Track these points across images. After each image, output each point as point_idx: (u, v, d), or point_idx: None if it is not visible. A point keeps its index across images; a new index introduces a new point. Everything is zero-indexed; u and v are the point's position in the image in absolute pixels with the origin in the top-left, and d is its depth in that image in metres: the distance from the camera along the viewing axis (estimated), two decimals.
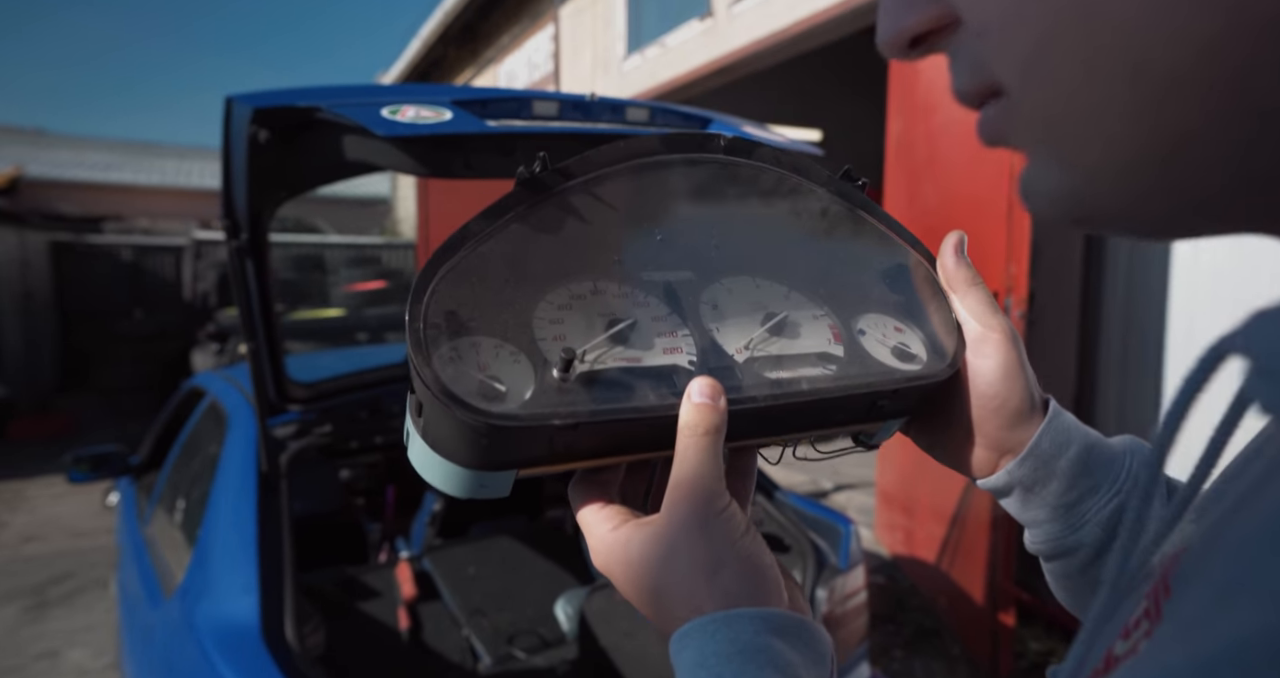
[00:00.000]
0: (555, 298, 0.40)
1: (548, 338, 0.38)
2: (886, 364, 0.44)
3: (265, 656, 1.10)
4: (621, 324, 0.39)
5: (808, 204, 0.47)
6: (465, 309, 0.38)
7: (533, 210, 0.41)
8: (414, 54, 10.17)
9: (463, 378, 0.36)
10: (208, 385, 2.09)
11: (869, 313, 0.45)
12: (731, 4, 4.95)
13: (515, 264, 0.40)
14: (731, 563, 0.34)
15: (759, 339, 0.42)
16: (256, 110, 1.05)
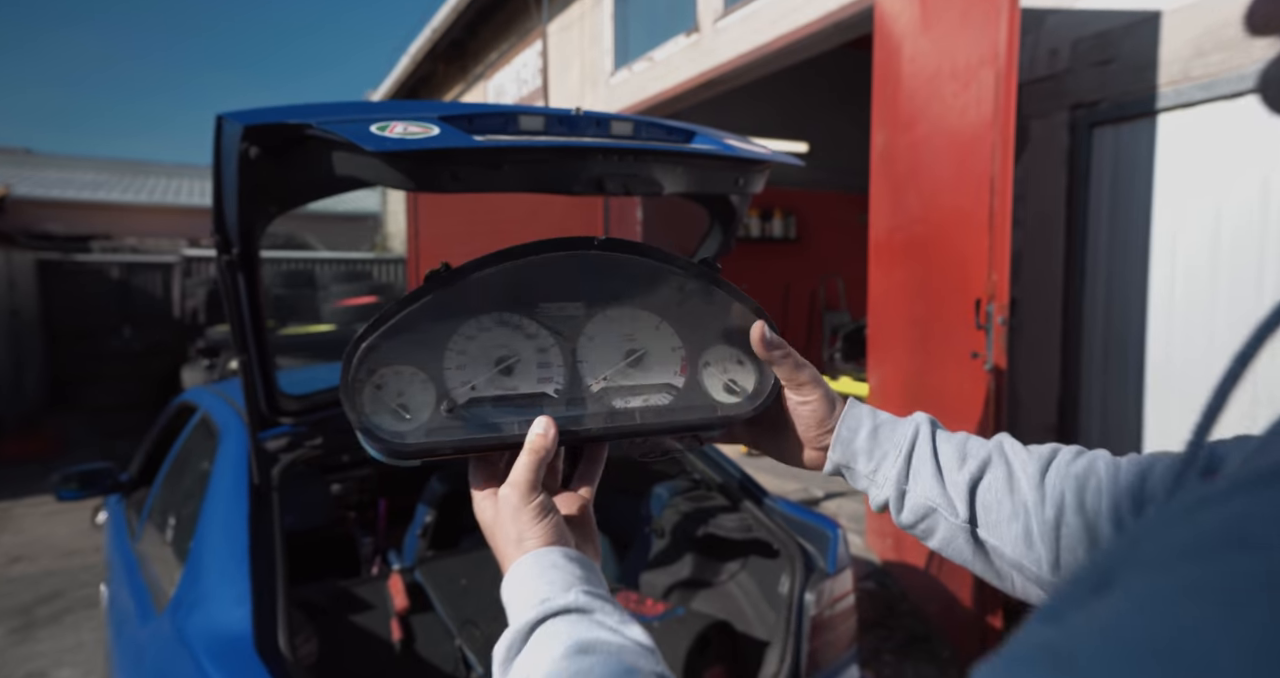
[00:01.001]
0: (465, 330, 0.53)
1: (452, 367, 0.53)
2: (713, 397, 0.59)
3: (258, 665, 1.11)
4: (508, 361, 0.54)
5: (670, 281, 0.61)
6: (391, 348, 0.52)
7: (446, 289, 0.55)
8: (403, 70, 10.24)
9: (380, 408, 0.52)
10: (198, 400, 2.09)
11: (716, 346, 0.60)
12: (716, 20, 5.02)
13: (433, 318, 0.54)
14: (530, 538, 0.52)
15: (616, 372, 0.57)
16: (247, 127, 1.07)
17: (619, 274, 0.59)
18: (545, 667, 0.43)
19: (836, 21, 3.98)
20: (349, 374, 0.51)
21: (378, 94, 11.50)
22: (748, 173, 1.33)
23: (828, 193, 7.66)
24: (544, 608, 0.47)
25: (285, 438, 1.57)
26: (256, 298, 1.29)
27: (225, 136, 1.11)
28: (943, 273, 2.65)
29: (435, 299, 0.54)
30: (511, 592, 0.50)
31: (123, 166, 17.53)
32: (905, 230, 2.98)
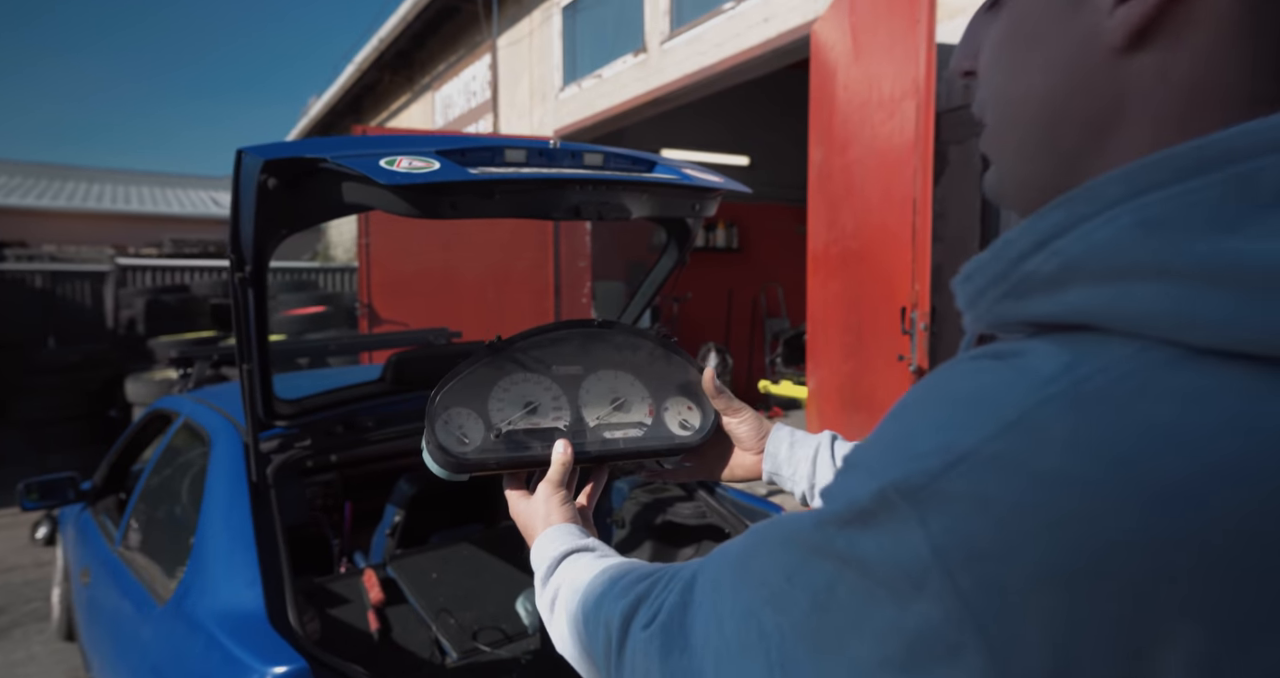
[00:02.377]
0: (503, 384, 0.80)
1: (495, 409, 0.79)
2: (672, 432, 0.84)
3: (275, 636, 1.24)
4: (532, 404, 0.80)
5: (641, 348, 0.88)
6: (453, 399, 0.78)
7: (494, 358, 0.81)
8: (348, 79, 10.20)
9: (448, 435, 0.76)
10: (177, 408, 2.17)
11: (673, 396, 0.85)
12: (663, 41, 5.25)
13: (483, 375, 0.80)
14: (554, 516, 0.72)
15: (605, 414, 0.82)
16: (267, 161, 1.22)
17: (608, 343, 0.86)
18: (578, 578, 0.62)
19: (776, 48, 4.25)
20: (431, 411, 0.76)
21: (321, 103, 11.39)
22: (703, 199, 1.53)
23: (768, 205, 7.98)
24: (570, 547, 0.67)
25: (277, 440, 1.69)
26: (263, 311, 1.42)
27: (244, 168, 1.25)
28: (873, 283, 2.91)
29: (487, 361, 0.80)
30: (539, 552, 0.69)
31: (38, 170, 16.82)
32: (840, 244, 3.24)
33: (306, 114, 12.47)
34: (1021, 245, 0.34)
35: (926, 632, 0.30)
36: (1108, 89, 0.35)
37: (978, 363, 0.34)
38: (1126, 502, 0.27)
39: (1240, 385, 0.28)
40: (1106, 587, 0.27)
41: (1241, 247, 0.29)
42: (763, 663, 0.37)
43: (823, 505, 0.36)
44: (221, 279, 8.35)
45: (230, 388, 2.42)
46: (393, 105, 10.46)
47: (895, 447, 0.34)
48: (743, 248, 8.18)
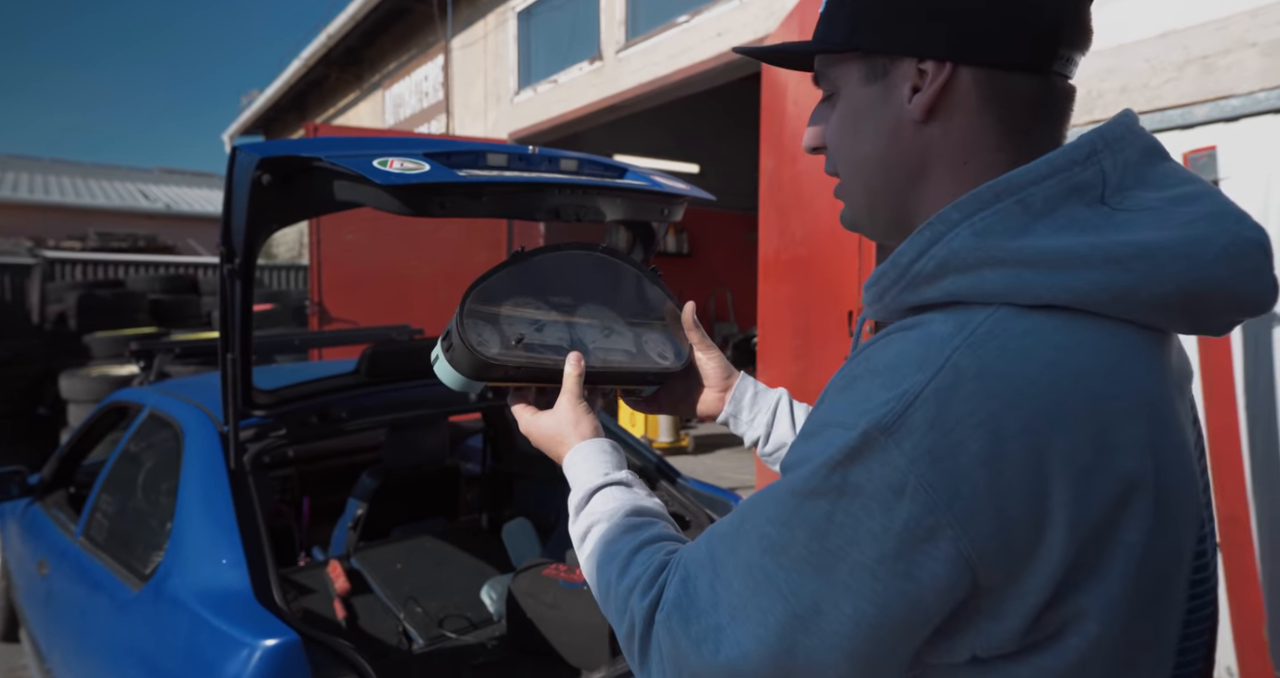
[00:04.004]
0: (511, 303, 0.87)
1: (506, 324, 0.85)
2: (653, 358, 0.91)
3: (263, 612, 1.30)
4: (540, 323, 0.86)
5: (629, 276, 0.98)
6: (476, 310, 0.84)
7: (511, 266, 0.89)
8: (293, 73, 10.00)
9: (471, 336, 0.81)
10: (140, 400, 2.17)
11: (651, 332, 0.93)
12: (618, 50, 5.37)
13: (498, 292, 0.86)
14: (581, 424, 0.78)
15: (599, 338, 0.89)
16: (263, 159, 1.28)
17: (605, 272, 0.94)
18: (610, 519, 0.67)
19: (728, 62, 4.41)
20: (460, 316, 0.82)
21: (264, 96, 11.13)
22: (671, 204, 1.64)
23: (718, 212, 8.17)
24: (606, 479, 0.71)
25: (253, 429, 1.73)
26: (249, 303, 1.47)
27: (239, 165, 1.30)
28: (821, 288, 3.08)
29: (507, 274, 0.87)
30: (575, 466, 0.74)
31: None
32: (790, 251, 3.40)
33: (248, 108, 12.17)
34: (909, 255, 0.52)
35: (911, 524, 0.45)
36: (915, 147, 0.57)
37: (890, 338, 0.50)
38: (1013, 399, 0.45)
39: (1050, 324, 0.47)
40: (1014, 455, 0.44)
41: (1034, 242, 0.48)
42: (774, 597, 0.49)
43: (801, 466, 0.49)
44: (159, 274, 8.09)
45: (195, 380, 2.42)
46: (340, 102, 10.31)
47: (858, 405, 0.47)
48: (693, 253, 8.35)
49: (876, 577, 0.45)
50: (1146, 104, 2.49)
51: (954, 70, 0.53)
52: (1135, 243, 0.47)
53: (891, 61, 0.56)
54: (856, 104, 0.58)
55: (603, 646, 1.86)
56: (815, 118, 0.64)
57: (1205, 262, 0.47)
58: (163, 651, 1.37)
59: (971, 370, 0.45)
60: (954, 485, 0.44)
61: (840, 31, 0.58)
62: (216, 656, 1.23)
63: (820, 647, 0.47)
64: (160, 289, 7.74)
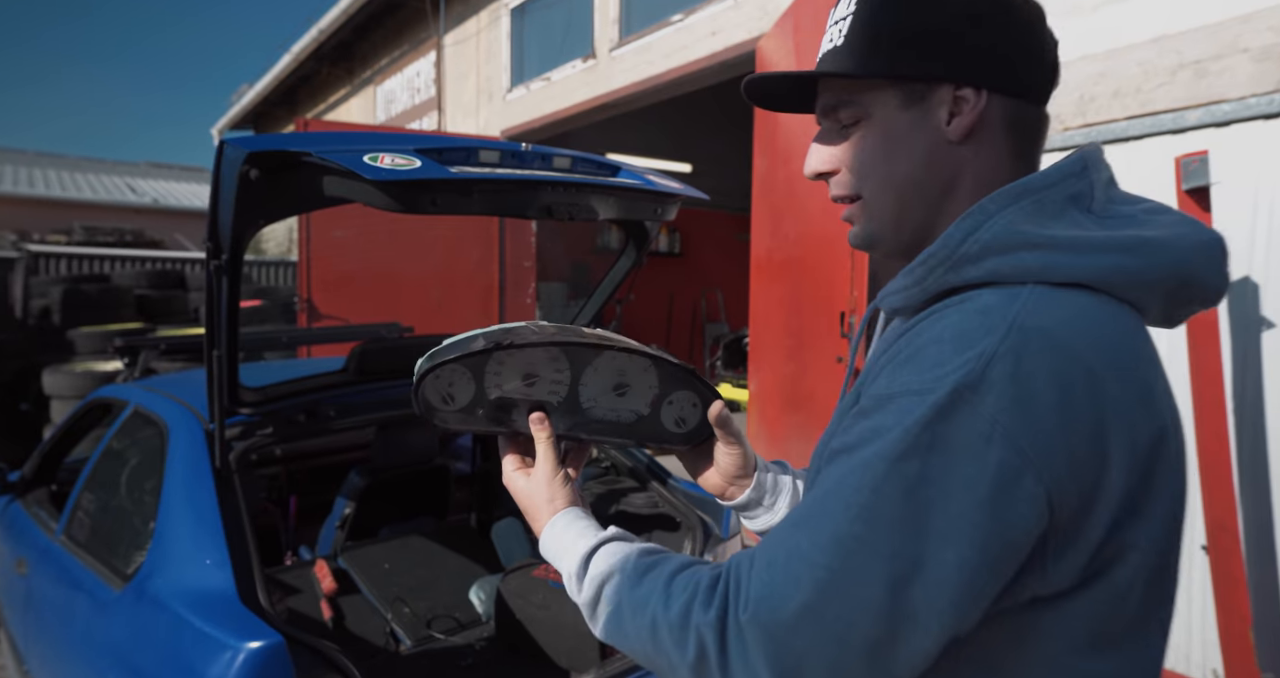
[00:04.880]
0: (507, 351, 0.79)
1: (491, 373, 0.79)
2: (665, 427, 0.84)
3: (247, 614, 1.27)
4: (531, 379, 0.80)
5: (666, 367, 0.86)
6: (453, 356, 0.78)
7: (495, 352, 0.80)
8: (283, 68, 9.92)
9: (435, 391, 0.78)
10: (125, 396, 2.14)
11: (681, 390, 0.83)
12: (612, 49, 5.35)
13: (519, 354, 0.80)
14: (559, 499, 0.76)
15: (605, 396, 0.82)
16: (251, 153, 1.25)
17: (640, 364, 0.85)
18: (622, 570, 0.64)
19: (723, 61, 4.40)
20: (421, 366, 0.78)
21: (254, 90, 11.04)
22: (664, 204, 1.63)
23: (710, 212, 8.17)
24: (598, 539, 0.69)
25: (239, 427, 1.71)
26: (235, 299, 1.45)
27: (226, 158, 1.28)
28: (813, 289, 3.07)
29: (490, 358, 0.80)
30: (555, 538, 0.72)
31: None
32: (783, 251, 3.40)
33: (237, 103, 12.06)
34: (957, 238, 0.59)
35: (1001, 468, 0.50)
36: (949, 166, 0.64)
37: (942, 314, 0.57)
38: (1075, 355, 0.53)
39: (1082, 298, 0.56)
40: (1080, 403, 0.51)
41: (1060, 231, 0.57)
42: (874, 561, 0.52)
43: (878, 436, 0.53)
44: (146, 269, 8.02)
45: (180, 377, 2.39)
46: (331, 98, 10.24)
47: (932, 370, 0.53)
48: (684, 253, 8.34)
49: (974, 522, 0.50)
50: (1139, 108, 2.49)
51: (989, 97, 0.61)
52: (1136, 236, 0.58)
53: (929, 87, 0.62)
54: (893, 127, 0.64)
55: (592, 647, 1.85)
56: (823, 143, 0.68)
57: (1186, 250, 0.59)
58: (144, 652, 1.35)
59: (1035, 331, 0.53)
60: (1034, 431, 0.50)
61: (881, 60, 0.62)
62: (199, 658, 1.21)
63: (925, 598, 0.51)
64: (147, 284, 7.67)
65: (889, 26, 0.61)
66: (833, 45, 0.65)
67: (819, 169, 0.68)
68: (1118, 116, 2.56)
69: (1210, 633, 2.29)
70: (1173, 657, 2.42)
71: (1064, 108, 2.70)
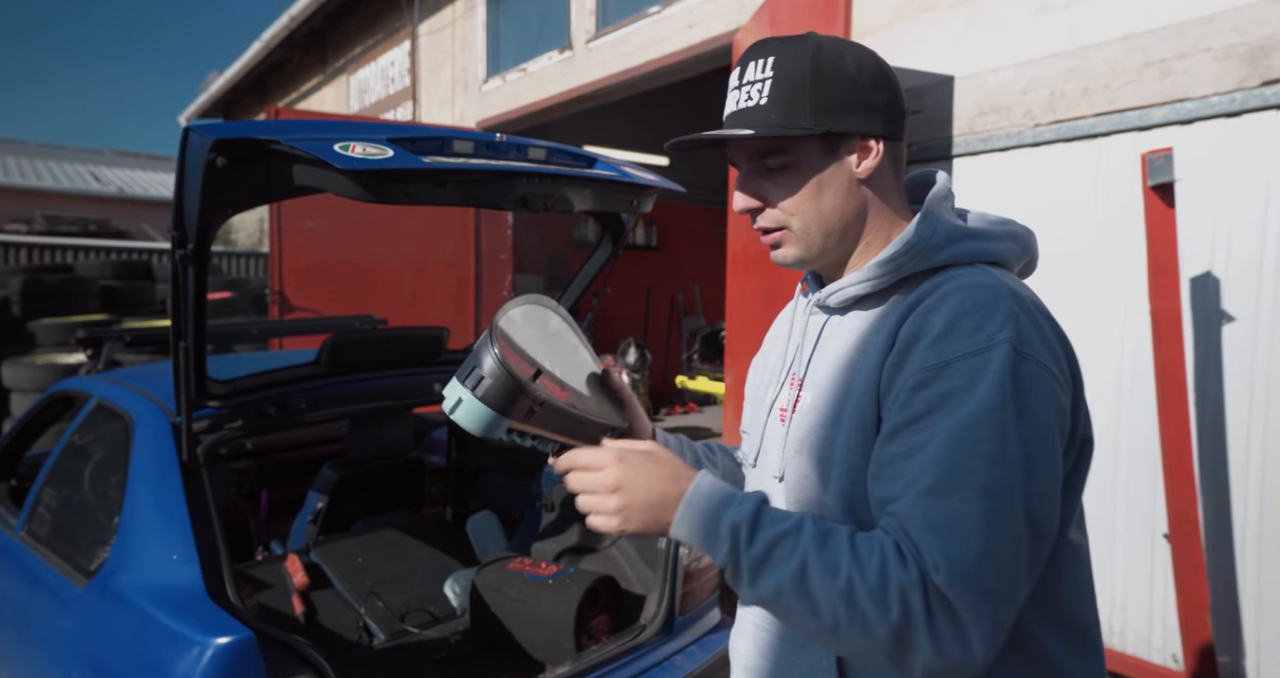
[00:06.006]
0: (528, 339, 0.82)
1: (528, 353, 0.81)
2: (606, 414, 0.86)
3: (216, 609, 1.25)
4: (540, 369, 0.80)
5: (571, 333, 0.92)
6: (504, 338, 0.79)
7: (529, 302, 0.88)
8: (254, 55, 9.73)
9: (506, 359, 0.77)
10: (88, 390, 2.09)
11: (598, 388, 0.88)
12: (589, 40, 5.32)
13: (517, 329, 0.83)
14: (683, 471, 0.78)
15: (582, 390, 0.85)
16: (217, 140, 1.23)
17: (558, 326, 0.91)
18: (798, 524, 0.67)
19: (699, 54, 4.40)
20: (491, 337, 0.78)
21: (224, 78, 10.82)
22: (641, 196, 1.63)
23: (687, 205, 8.17)
24: (759, 497, 0.70)
25: (208, 420, 1.68)
26: (202, 290, 1.42)
27: (191, 146, 1.25)
28: (788, 283, 3.08)
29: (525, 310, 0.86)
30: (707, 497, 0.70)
31: None
32: (759, 245, 3.40)
33: (206, 90, 11.81)
34: (926, 234, 0.77)
35: (1053, 395, 0.69)
36: (860, 197, 0.80)
37: (943, 293, 0.72)
38: (1038, 307, 0.74)
39: (1000, 270, 0.79)
40: (1055, 337, 0.73)
41: (975, 226, 0.81)
42: (1016, 493, 0.64)
43: (961, 395, 0.66)
44: (111, 260, 7.84)
45: (145, 369, 2.34)
46: (303, 86, 10.06)
47: (977, 335, 0.68)
48: (661, 246, 8.34)
49: (1052, 439, 0.67)
50: (1106, 105, 2.54)
51: (884, 144, 0.79)
52: (1015, 229, 0.83)
53: (846, 139, 0.78)
54: (818, 171, 0.79)
55: (568, 639, 1.85)
56: (749, 186, 0.82)
57: (1029, 237, 0.84)
58: (108, 650, 1.32)
59: (1018, 295, 0.72)
60: (1054, 361, 0.70)
61: (806, 120, 0.76)
62: (166, 655, 1.19)
63: (1046, 508, 0.66)
64: (112, 275, 7.50)
65: (815, 95, 0.76)
66: (754, 103, 0.78)
67: (744, 207, 0.82)
68: (1086, 113, 2.59)
69: (1171, 619, 2.35)
70: (1134, 642, 2.48)
71: (1035, 104, 2.73)
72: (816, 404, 0.78)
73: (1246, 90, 2.23)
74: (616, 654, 1.77)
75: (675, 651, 1.85)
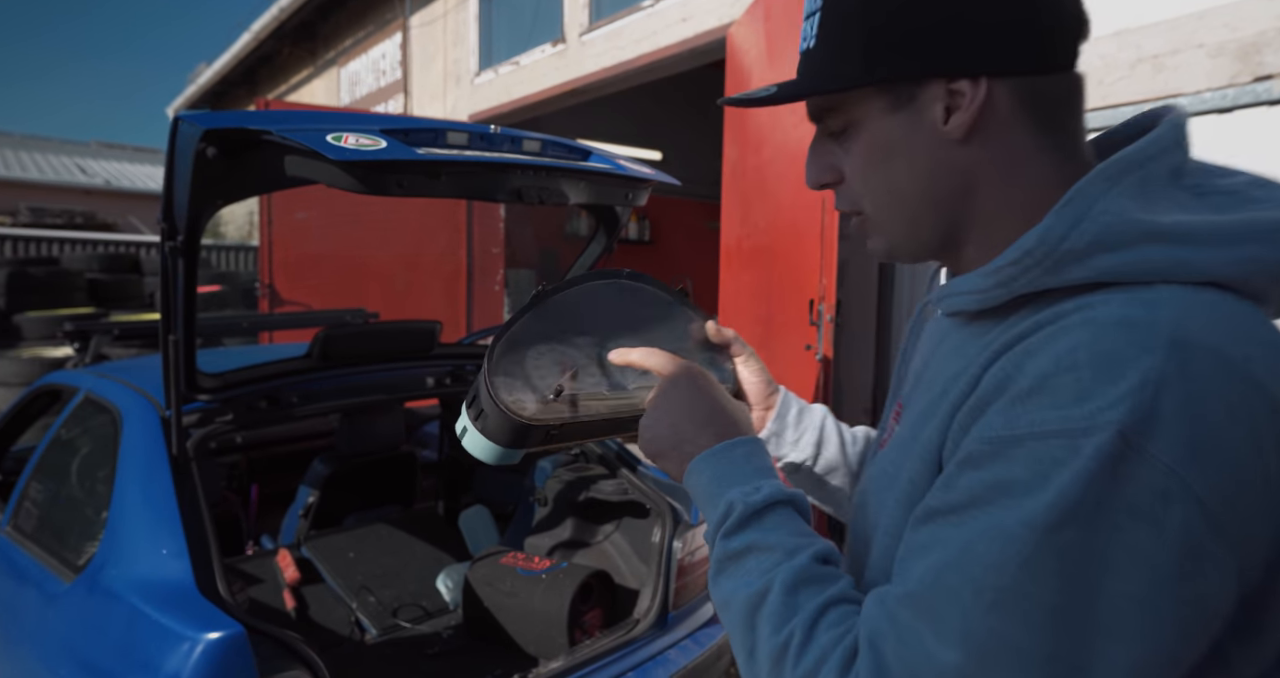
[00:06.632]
0: (537, 349, 0.74)
1: (536, 374, 0.73)
2: None
3: (206, 604, 1.24)
4: (573, 368, 0.74)
5: (661, 301, 0.83)
6: (502, 365, 0.72)
7: (534, 309, 0.76)
8: (243, 47, 9.64)
9: (504, 395, 0.70)
10: (76, 383, 2.07)
11: (696, 356, 0.79)
12: (582, 33, 5.29)
13: (523, 340, 0.74)
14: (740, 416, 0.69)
15: (636, 376, 0.77)
16: (207, 130, 1.21)
17: (630, 301, 0.81)
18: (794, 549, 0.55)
19: (693, 47, 4.38)
20: (487, 375, 0.70)
21: (213, 69, 10.72)
22: (636, 189, 1.62)
23: (679, 200, 8.15)
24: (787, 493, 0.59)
25: (197, 414, 1.66)
26: (192, 282, 1.40)
27: (181, 135, 1.23)
28: (783, 277, 3.09)
29: (531, 318, 0.74)
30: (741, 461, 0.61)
31: None
32: (753, 239, 3.40)
33: (194, 82, 11.69)
34: (1058, 232, 0.47)
35: (1185, 534, 0.39)
36: (959, 168, 0.54)
37: (1059, 329, 0.45)
38: (1253, 380, 0.41)
39: (1227, 302, 0.45)
40: (1266, 440, 0.41)
41: (1186, 218, 0.46)
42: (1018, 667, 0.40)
43: (1015, 493, 0.41)
44: (98, 253, 7.76)
45: (134, 363, 2.32)
46: (293, 78, 9.98)
47: (1075, 406, 0.41)
48: (654, 240, 8.33)
49: (1151, 609, 0.39)
50: (1100, 101, 2.54)
51: (990, 85, 0.51)
52: (1267, 219, 0.47)
53: (917, 86, 0.53)
54: (883, 135, 0.55)
55: (561, 633, 1.85)
56: (819, 153, 0.60)
57: None
58: (97, 645, 1.31)
59: (1201, 348, 0.41)
60: (1219, 479, 0.39)
61: (855, 65, 0.54)
62: (155, 650, 1.17)
63: None
64: (99, 268, 7.43)
65: (858, 26, 0.53)
66: (806, 46, 0.58)
67: (819, 180, 0.60)
68: None
69: None
70: None
71: None
72: (890, 452, 0.59)
73: (1239, 86, 2.24)
74: (610, 649, 1.77)
75: (669, 645, 1.85)
